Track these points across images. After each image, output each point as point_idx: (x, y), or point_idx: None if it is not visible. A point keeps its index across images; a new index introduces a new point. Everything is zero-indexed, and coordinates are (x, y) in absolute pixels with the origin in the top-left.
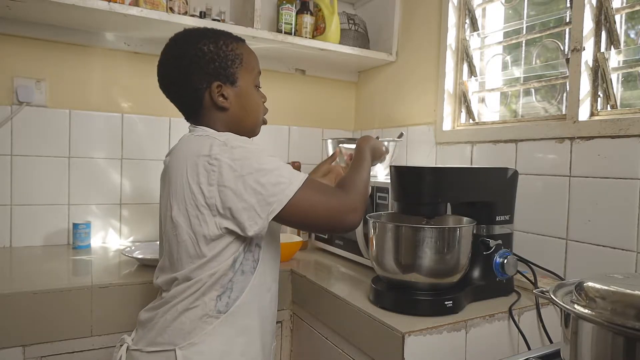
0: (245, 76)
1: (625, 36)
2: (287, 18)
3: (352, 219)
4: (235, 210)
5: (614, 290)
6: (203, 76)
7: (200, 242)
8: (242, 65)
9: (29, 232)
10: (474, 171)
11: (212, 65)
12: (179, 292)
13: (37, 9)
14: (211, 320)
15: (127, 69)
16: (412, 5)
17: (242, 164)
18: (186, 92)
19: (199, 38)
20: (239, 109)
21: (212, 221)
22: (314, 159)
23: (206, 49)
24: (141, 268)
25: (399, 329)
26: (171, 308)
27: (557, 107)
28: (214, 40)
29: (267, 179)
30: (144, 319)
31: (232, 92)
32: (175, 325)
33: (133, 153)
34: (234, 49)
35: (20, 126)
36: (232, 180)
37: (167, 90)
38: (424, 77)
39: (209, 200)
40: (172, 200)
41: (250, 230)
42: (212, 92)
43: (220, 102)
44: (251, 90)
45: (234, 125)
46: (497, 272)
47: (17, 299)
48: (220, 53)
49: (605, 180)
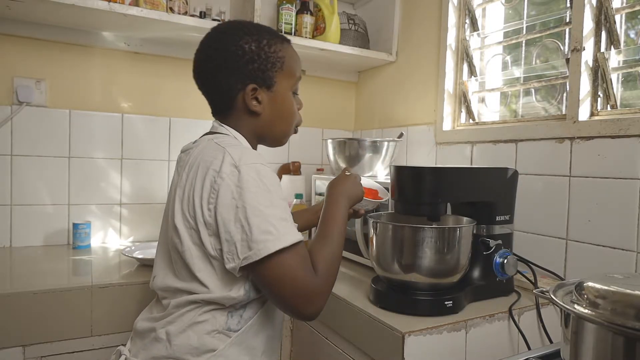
0: (284, 81)
1: (625, 36)
2: (287, 18)
3: (314, 310)
4: (220, 237)
5: (614, 290)
6: (239, 76)
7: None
8: (282, 69)
9: (29, 232)
10: (474, 171)
11: (251, 66)
12: (184, 303)
13: (37, 9)
14: (220, 337)
15: (127, 69)
16: (412, 5)
17: (242, 193)
18: (218, 89)
19: (242, 34)
20: (271, 115)
21: (208, 241)
22: (314, 159)
23: (247, 47)
24: (141, 268)
25: (399, 329)
26: (176, 319)
27: (557, 107)
28: (257, 39)
29: (258, 221)
30: (143, 329)
31: (266, 97)
32: (182, 339)
33: (133, 153)
34: (276, 51)
35: (20, 126)
36: (226, 206)
37: (199, 82)
38: (424, 77)
39: (206, 219)
40: (176, 204)
41: (226, 263)
42: (246, 94)
43: (253, 106)
44: (288, 96)
45: (262, 131)
46: (497, 272)
47: (17, 299)
48: (261, 54)
49: (605, 180)
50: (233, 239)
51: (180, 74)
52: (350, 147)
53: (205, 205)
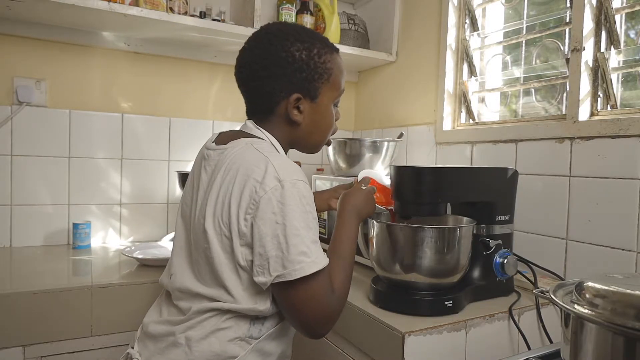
0: (328, 93)
1: (625, 36)
2: (287, 18)
3: (327, 329)
4: (254, 249)
5: (614, 290)
6: (285, 84)
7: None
8: (328, 81)
9: (29, 232)
10: (474, 171)
11: (299, 75)
12: (206, 309)
13: (37, 9)
14: (242, 344)
15: (127, 69)
16: (412, 5)
17: (283, 209)
18: (261, 93)
19: (294, 40)
20: (309, 126)
21: (239, 250)
22: (314, 159)
23: (298, 55)
24: (141, 268)
25: (399, 329)
26: (197, 325)
27: (557, 107)
28: (308, 47)
29: (297, 241)
30: (157, 332)
31: (309, 107)
32: (204, 346)
33: (133, 153)
34: (325, 62)
35: (20, 126)
36: (265, 220)
37: (241, 82)
38: (424, 77)
39: (241, 228)
40: (208, 208)
41: (255, 276)
42: (289, 103)
43: (294, 115)
44: (329, 108)
45: (297, 140)
46: (497, 272)
47: (17, 299)
48: (310, 63)
49: (605, 180)
50: (267, 254)
51: (180, 74)
52: (351, 147)
53: (242, 215)
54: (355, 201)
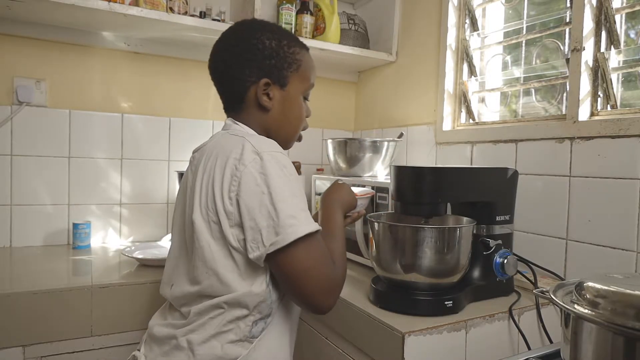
0: (297, 83)
1: (625, 36)
2: (287, 18)
3: (332, 302)
4: (244, 226)
5: (614, 290)
6: (255, 69)
7: (223, 254)
8: (297, 72)
9: (29, 232)
10: (474, 171)
11: (268, 62)
12: (206, 309)
13: (37, 9)
14: (244, 344)
15: (127, 69)
16: (412, 5)
17: (266, 179)
18: (232, 80)
19: (264, 31)
20: (279, 114)
21: (230, 232)
22: (314, 159)
23: (268, 43)
24: (141, 268)
25: (399, 329)
26: (199, 328)
27: (557, 107)
28: (278, 38)
29: (285, 206)
30: (161, 335)
31: (278, 95)
32: (206, 349)
33: (133, 153)
34: (294, 52)
35: (20, 126)
36: (250, 193)
37: (214, 74)
38: (424, 77)
39: (227, 208)
40: (195, 200)
41: (250, 252)
42: (258, 87)
43: (264, 100)
44: (298, 99)
45: (271, 130)
46: (497, 272)
47: (17, 299)
48: (280, 52)
49: (605, 180)
50: (258, 226)
51: (180, 74)
52: (351, 147)
53: (227, 194)
54: (335, 193)
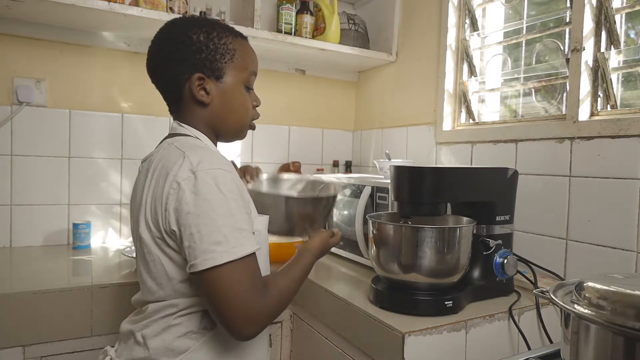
0: (234, 73)
1: (625, 36)
2: (287, 18)
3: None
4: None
5: (614, 290)
6: (185, 66)
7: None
8: (232, 61)
9: (29, 232)
10: (474, 171)
11: (198, 56)
12: (158, 308)
13: (37, 9)
14: (197, 336)
15: (127, 69)
16: (412, 5)
17: (195, 200)
18: (167, 80)
19: (191, 26)
20: (220, 107)
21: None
22: (313, 159)
23: (195, 37)
24: None
25: (399, 329)
26: (152, 323)
27: (557, 107)
28: (207, 30)
29: (208, 231)
30: (125, 331)
31: (215, 88)
32: (157, 342)
33: (133, 153)
34: (226, 43)
35: (20, 126)
36: (182, 213)
37: (152, 77)
38: (424, 77)
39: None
40: (140, 215)
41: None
42: (192, 83)
43: (200, 95)
44: (238, 88)
45: (216, 124)
46: (497, 272)
47: (17, 299)
48: (209, 44)
49: (605, 180)
50: (184, 245)
51: None
52: None
53: (165, 212)
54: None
